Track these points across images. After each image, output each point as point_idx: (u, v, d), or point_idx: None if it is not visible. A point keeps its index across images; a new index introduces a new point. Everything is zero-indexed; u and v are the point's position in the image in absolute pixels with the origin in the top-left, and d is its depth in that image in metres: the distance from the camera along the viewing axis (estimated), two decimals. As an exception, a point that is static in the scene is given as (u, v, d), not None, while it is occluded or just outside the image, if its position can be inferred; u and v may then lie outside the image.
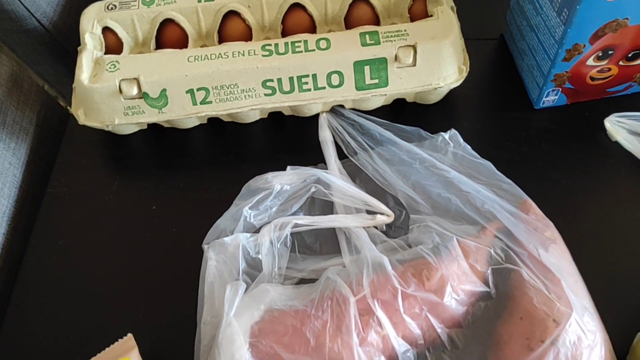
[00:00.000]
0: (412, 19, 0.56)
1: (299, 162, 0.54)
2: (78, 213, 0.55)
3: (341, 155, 0.56)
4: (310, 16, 0.56)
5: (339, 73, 0.52)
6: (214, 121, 0.58)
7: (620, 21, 0.48)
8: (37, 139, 0.61)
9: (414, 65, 0.52)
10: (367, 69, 0.52)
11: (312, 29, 0.56)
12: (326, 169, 0.54)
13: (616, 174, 0.54)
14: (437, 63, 0.53)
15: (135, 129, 0.58)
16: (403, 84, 0.54)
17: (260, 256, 0.49)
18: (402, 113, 0.59)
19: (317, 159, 0.56)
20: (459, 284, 0.44)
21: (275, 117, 0.58)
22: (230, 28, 0.56)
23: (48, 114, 0.64)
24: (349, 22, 0.57)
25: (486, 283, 0.44)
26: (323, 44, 0.52)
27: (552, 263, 0.44)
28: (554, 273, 0.43)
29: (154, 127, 0.58)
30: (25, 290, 0.51)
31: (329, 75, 0.53)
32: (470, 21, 0.59)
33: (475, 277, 0.44)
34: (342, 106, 0.57)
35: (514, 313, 0.43)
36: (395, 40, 0.52)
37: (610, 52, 0.51)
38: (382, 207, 0.51)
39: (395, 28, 0.52)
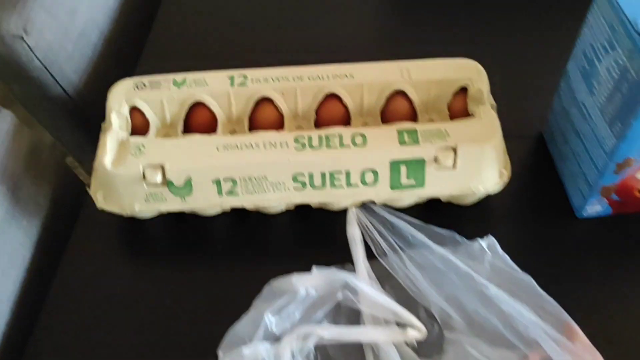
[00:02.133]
0: (451, 116, 0.54)
1: (325, 259, 0.51)
2: (87, 303, 0.51)
3: (370, 255, 0.52)
4: (345, 107, 0.54)
5: (374, 171, 0.50)
6: (237, 209, 0.55)
7: (678, 137, 0.45)
8: (51, 216, 0.58)
9: (454, 167, 0.49)
10: (403, 168, 0.50)
11: (347, 120, 0.54)
12: (353, 269, 0.51)
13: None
14: (477, 166, 0.50)
15: (156, 213, 0.55)
16: (441, 186, 0.51)
17: (280, 368, 0.46)
18: (436, 213, 0.55)
19: (344, 257, 0.52)
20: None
21: (302, 209, 0.56)
22: (262, 114, 0.54)
23: (66, 187, 0.62)
24: (386, 115, 0.54)
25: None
26: (359, 139, 0.50)
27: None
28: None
29: (174, 213, 0.55)
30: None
31: (363, 173, 0.50)
32: (508, 117, 0.56)
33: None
34: (373, 201, 0.54)
35: None
36: (435, 141, 0.49)
37: (662, 167, 0.48)
38: (414, 320, 0.48)
39: (435, 127, 0.50)
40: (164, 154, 0.50)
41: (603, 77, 0.46)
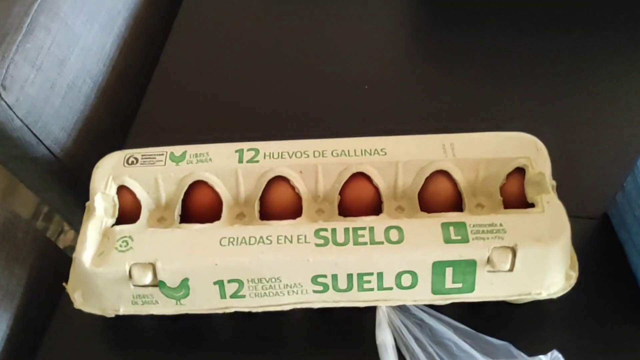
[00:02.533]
0: (505, 201, 0.44)
1: None
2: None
3: (404, 367, 0.43)
4: (376, 188, 0.45)
5: (413, 274, 0.41)
6: (244, 305, 0.46)
7: None
8: (24, 305, 0.50)
9: (511, 270, 0.40)
10: (449, 271, 0.40)
11: (377, 205, 0.45)
12: (384, 386, 0.42)
13: None
14: (540, 270, 0.41)
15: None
16: (494, 291, 0.42)
17: None
18: (481, 312, 0.46)
19: (373, 368, 0.43)
20: None
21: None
22: (276, 196, 0.45)
23: (43, 269, 0.53)
24: (424, 198, 0.45)
25: None
26: (394, 235, 0.40)
27: None
28: None
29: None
30: None
31: (399, 275, 0.41)
32: (567, 194, 0.47)
33: None
34: (407, 300, 0.45)
35: None
36: (488, 239, 0.40)
37: None
38: None
39: (488, 221, 0.41)
40: (156, 249, 0.41)
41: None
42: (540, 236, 0.40)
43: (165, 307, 0.42)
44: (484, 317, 0.46)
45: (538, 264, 0.40)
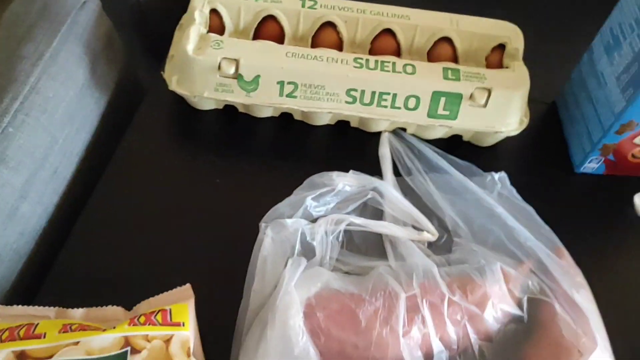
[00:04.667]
0: (488, 67, 0.62)
1: (358, 169, 0.59)
2: (146, 173, 0.58)
3: (396, 173, 0.60)
4: (398, 43, 0.62)
5: (417, 98, 0.58)
6: (285, 116, 0.63)
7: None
8: (117, 95, 0.65)
9: (485, 106, 0.58)
10: (442, 100, 0.58)
11: (397, 55, 0.62)
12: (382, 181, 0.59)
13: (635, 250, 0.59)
14: (505, 110, 0.58)
15: (213, 106, 0.62)
16: (470, 121, 0.59)
17: (314, 243, 0.53)
18: (456, 149, 0.64)
19: (373, 172, 0.60)
20: (498, 302, 0.48)
21: (341, 126, 0.63)
22: (325, 37, 0.61)
23: (129, 77, 0.68)
24: (431, 57, 0.62)
25: (521, 308, 0.49)
26: (409, 69, 0.57)
27: (581, 303, 0.48)
28: (583, 312, 0.48)
29: (229, 110, 0.63)
30: (89, 226, 0.55)
31: (407, 98, 0.58)
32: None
33: (512, 300, 0.49)
34: (404, 129, 0.62)
35: (543, 339, 0.47)
36: (474, 81, 0.57)
37: (658, 135, 0.57)
38: (429, 225, 0.56)
39: (475, 70, 0.58)
40: (240, 51, 0.57)
41: (625, 50, 0.55)
42: (509, 85, 0.58)
43: (238, 96, 0.58)
44: (457, 152, 0.63)
45: (504, 104, 0.58)
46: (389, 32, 0.62)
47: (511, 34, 0.62)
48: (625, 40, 0.55)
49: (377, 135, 0.63)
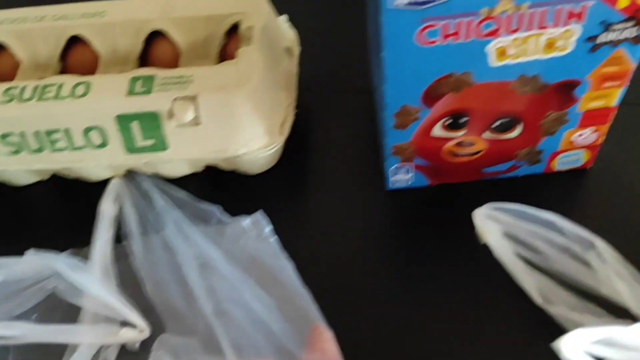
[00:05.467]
0: (224, 60, 0.42)
1: (77, 239, 0.41)
2: None
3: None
4: (96, 53, 0.43)
5: (100, 129, 0.39)
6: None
7: (459, 76, 0.33)
8: None
9: (197, 124, 0.38)
10: (135, 125, 0.39)
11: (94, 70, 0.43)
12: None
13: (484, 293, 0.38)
14: (230, 122, 0.39)
15: None
16: (188, 148, 0.40)
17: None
18: (221, 182, 0.45)
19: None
20: None
21: (57, 180, 0.45)
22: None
23: None
24: (147, 63, 0.43)
25: None
26: (81, 89, 0.39)
27: None
28: None
29: None
30: None
31: (87, 132, 0.39)
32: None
33: None
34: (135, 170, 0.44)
35: None
36: (171, 90, 0.38)
37: (463, 120, 0.36)
38: (135, 318, 0.37)
39: (178, 73, 0.39)
40: None
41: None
42: (225, 84, 0.38)
43: None
44: (220, 187, 0.44)
45: (225, 114, 0.38)
46: (79, 40, 0.43)
47: (248, 7, 0.42)
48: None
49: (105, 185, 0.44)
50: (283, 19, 0.46)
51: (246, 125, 0.39)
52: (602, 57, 0.32)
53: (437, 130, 0.37)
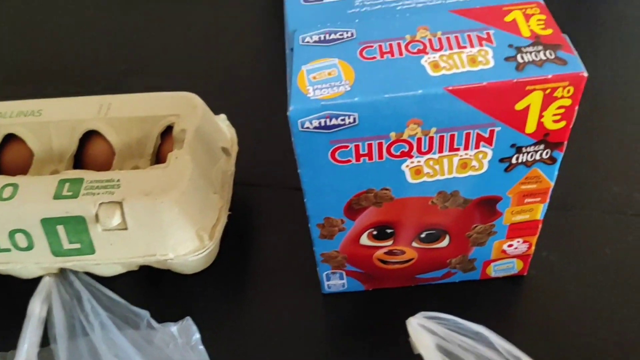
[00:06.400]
0: (161, 162, 0.42)
1: (4, 340, 0.39)
2: None
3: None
4: (31, 152, 0.43)
5: (25, 232, 0.38)
6: None
7: (378, 192, 0.33)
8: None
9: (124, 228, 0.38)
10: (61, 229, 0.38)
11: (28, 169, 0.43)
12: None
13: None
14: (157, 227, 0.38)
15: None
16: (115, 251, 0.39)
17: None
18: (155, 282, 0.44)
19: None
20: None
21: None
22: None
23: None
24: (82, 164, 0.43)
25: None
26: (8, 191, 0.38)
27: None
28: None
29: None
30: None
31: (12, 234, 0.38)
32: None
33: None
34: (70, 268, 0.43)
35: None
36: (98, 194, 0.37)
37: (389, 231, 0.36)
38: None
39: (107, 177, 0.38)
40: None
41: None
42: (151, 190, 0.37)
43: None
44: (157, 286, 0.43)
45: (152, 219, 0.38)
46: (15, 138, 0.43)
47: (183, 109, 0.42)
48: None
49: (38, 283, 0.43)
50: (222, 118, 0.46)
51: (174, 230, 0.38)
52: (519, 176, 0.32)
53: (365, 240, 0.36)
